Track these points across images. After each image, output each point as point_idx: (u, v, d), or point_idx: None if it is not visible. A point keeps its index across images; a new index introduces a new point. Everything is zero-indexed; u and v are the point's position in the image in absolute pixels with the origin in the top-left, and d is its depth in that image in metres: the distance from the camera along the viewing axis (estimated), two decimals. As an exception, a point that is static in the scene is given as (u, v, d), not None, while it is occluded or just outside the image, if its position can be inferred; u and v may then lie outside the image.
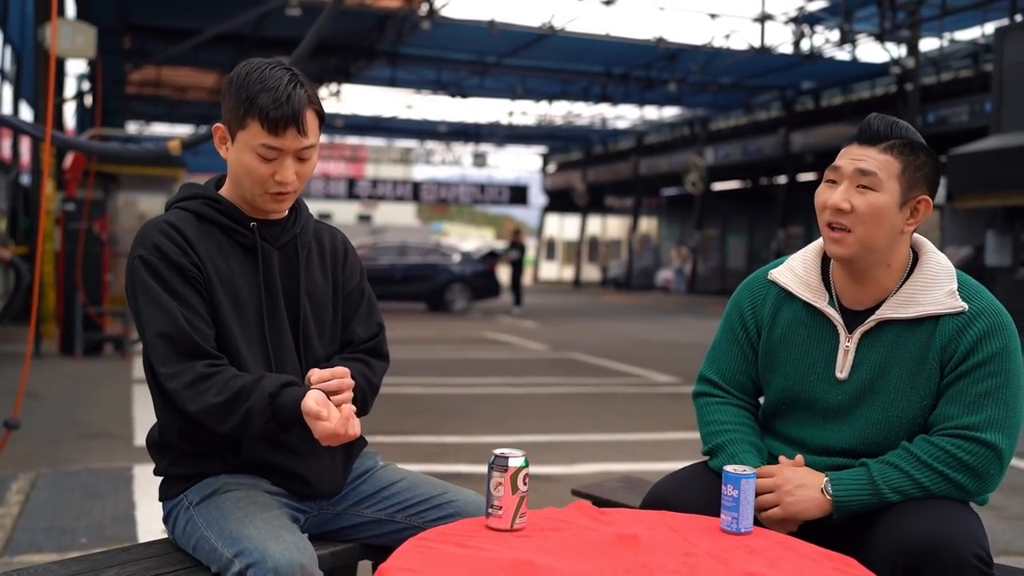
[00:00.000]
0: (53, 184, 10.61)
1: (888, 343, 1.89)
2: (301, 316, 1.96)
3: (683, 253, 29.54)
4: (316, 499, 1.97)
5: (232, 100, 1.85)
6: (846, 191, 1.87)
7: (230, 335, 1.87)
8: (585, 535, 1.69)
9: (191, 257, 1.85)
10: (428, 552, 1.56)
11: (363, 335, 2.06)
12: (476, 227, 69.54)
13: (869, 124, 1.90)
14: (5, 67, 13.99)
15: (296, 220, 2.00)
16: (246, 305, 1.90)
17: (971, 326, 1.83)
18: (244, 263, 1.92)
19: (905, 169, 1.86)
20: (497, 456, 1.72)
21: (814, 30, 17.43)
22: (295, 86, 1.83)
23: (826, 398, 1.93)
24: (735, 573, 1.51)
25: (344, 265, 2.09)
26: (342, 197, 34.73)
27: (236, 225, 1.91)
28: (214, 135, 1.91)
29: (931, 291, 1.87)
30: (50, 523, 3.85)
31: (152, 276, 1.82)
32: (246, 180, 1.88)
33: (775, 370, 2.01)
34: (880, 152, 1.86)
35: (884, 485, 1.79)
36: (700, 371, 2.14)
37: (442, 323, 15.75)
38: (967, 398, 1.82)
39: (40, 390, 7.14)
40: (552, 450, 5.64)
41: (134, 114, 26.67)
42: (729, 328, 2.09)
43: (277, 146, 1.83)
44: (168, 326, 1.79)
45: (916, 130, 1.92)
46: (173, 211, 1.93)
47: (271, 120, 1.80)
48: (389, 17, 16.51)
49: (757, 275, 2.10)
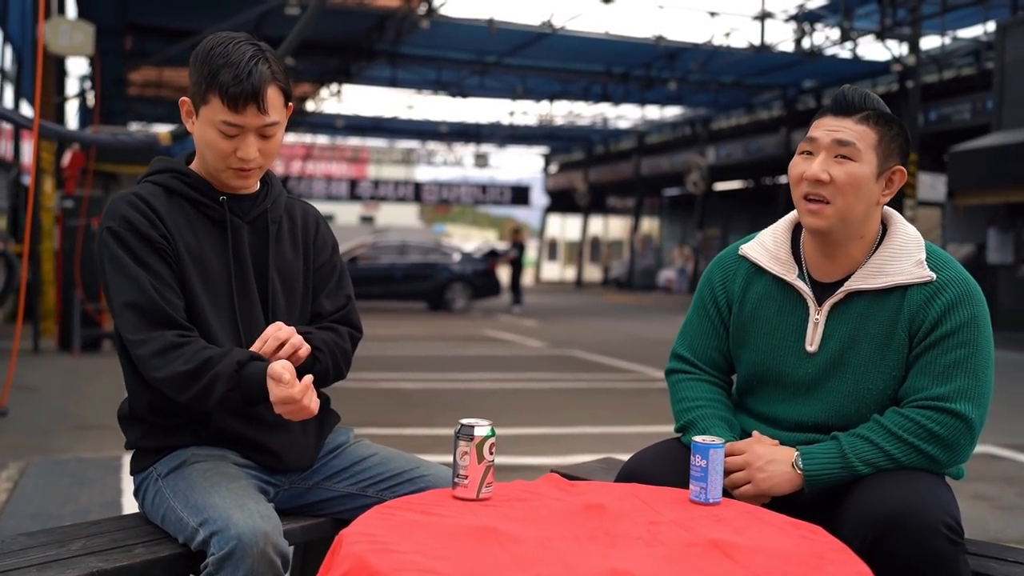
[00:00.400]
0: (52, 182, 10.62)
1: (857, 315, 1.88)
2: (270, 290, 1.95)
3: (685, 253, 29.52)
4: (286, 473, 1.96)
5: (196, 74, 1.84)
6: (824, 162, 1.85)
7: (199, 308, 1.86)
8: (552, 505, 1.68)
9: (159, 229, 1.84)
10: (391, 519, 1.56)
11: (329, 308, 2.04)
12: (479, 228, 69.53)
13: (844, 95, 1.89)
14: (6, 66, 14.02)
15: (267, 195, 1.99)
16: (215, 279, 1.89)
17: (939, 296, 1.82)
18: (214, 237, 1.91)
19: (881, 139, 1.86)
20: (463, 425, 1.71)
21: (814, 28, 17.40)
22: (257, 62, 1.81)
23: (796, 372, 1.92)
24: (700, 540, 1.50)
25: (315, 239, 2.07)
26: (344, 198, 34.77)
27: (205, 199, 1.90)
28: (181, 108, 1.91)
29: (899, 261, 1.86)
30: (37, 509, 3.85)
31: (121, 247, 1.81)
32: (209, 155, 1.87)
33: (746, 345, 2.00)
34: (856, 123, 1.86)
35: (854, 457, 1.78)
36: (672, 348, 2.13)
37: (442, 322, 15.74)
38: (936, 368, 1.80)
39: (36, 384, 7.15)
40: (546, 442, 5.63)
41: (136, 115, 26.71)
42: (701, 305, 2.08)
43: (238, 123, 1.81)
44: (137, 295, 1.79)
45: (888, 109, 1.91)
46: (143, 184, 1.93)
47: (231, 96, 1.79)
48: (388, 16, 16.51)
49: (728, 251, 2.09)
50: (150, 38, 17.52)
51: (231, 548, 1.62)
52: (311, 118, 26.93)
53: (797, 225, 2.01)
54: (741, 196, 29.63)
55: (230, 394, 1.75)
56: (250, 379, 1.75)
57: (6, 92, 14.29)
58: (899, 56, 17.51)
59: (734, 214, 29.34)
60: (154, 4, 15.36)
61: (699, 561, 1.41)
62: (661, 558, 1.42)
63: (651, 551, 1.45)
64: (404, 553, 1.38)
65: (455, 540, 1.46)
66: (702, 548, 1.46)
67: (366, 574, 1.33)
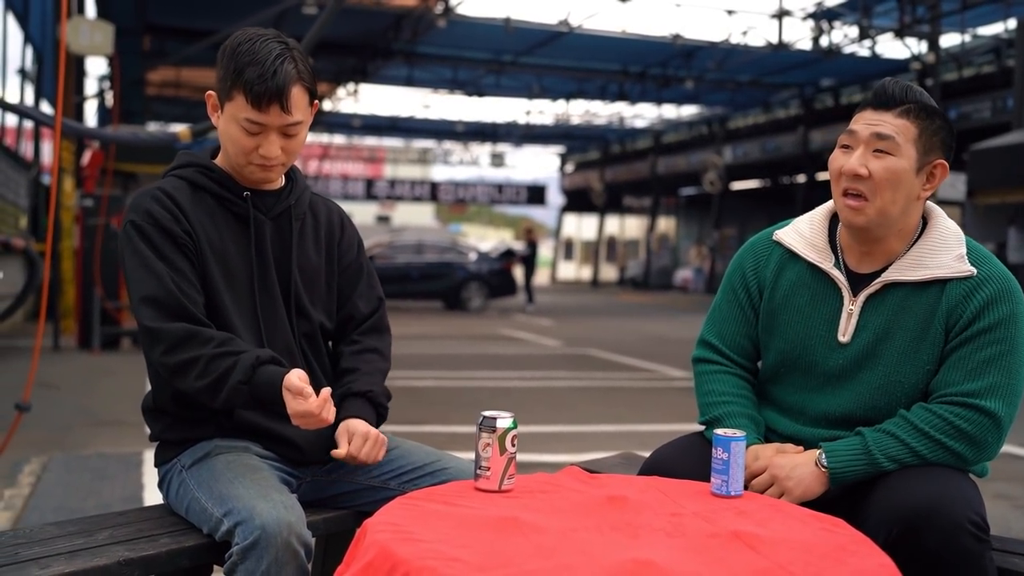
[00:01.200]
0: (72, 181, 10.71)
1: (893, 307, 1.86)
2: (293, 287, 1.96)
3: (702, 252, 29.43)
4: (308, 465, 1.98)
5: (223, 69, 1.85)
6: (863, 156, 1.83)
7: (221, 304, 1.88)
8: (573, 496, 1.69)
9: (182, 224, 1.86)
10: (415, 509, 1.57)
11: (365, 310, 2.07)
12: (495, 228, 69.56)
13: (884, 88, 1.86)
14: (27, 66, 14.14)
15: (291, 191, 2.00)
16: (237, 274, 1.91)
17: (978, 291, 1.80)
18: (236, 232, 1.92)
19: (922, 133, 1.83)
20: (486, 417, 1.72)
21: (832, 26, 17.30)
22: (283, 61, 1.81)
23: (827, 362, 1.90)
24: (721, 532, 1.50)
25: (341, 239, 2.08)
26: (360, 198, 34.84)
27: (229, 194, 1.92)
28: (207, 101, 1.92)
29: (939, 255, 1.84)
30: (59, 503, 3.89)
31: (143, 241, 1.83)
32: (231, 150, 1.88)
33: (775, 332, 1.97)
34: (896, 116, 1.83)
35: (879, 453, 1.77)
36: (700, 334, 2.10)
37: (458, 321, 15.77)
38: (970, 364, 1.79)
39: (57, 381, 7.21)
40: (562, 440, 5.64)
41: (154, 115, 26.88)
42: (730, 289, 2.05)
43: (261, 121, 1.82)
44: (156, 289, 1.80)
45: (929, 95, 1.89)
46: (168, 179, 1.95)
47: (255, 95, 1.79)
48: (405, 16, 16.55)
49: (761, 236, 2.06)
50: (168, 38, 17.63)
51: (255, 538, 1.63)
52: (328, 117, 27.03)
53: (835, 214, 1.98)
54: (758, 195, 29.52)
55: (241, 387, 1.75)
56: (264, 378, 1.76)
57: (27, 91, 14.40)
58: (918, 54, 17.40)
59: (751, 213, 29.23)
60: (172, 4, 15.45)
61: (721, 552, 1.41)
62: (683, 549, 1.42)
63: (673, 542, 1.45)
64: (427, 542, 1.39)
65: (477, 530, 1.47)
66: (724, 539, 1.46)
67: (390, 562, 1.34)
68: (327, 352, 2.07)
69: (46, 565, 1.62)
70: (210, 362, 1.76)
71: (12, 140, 13.29)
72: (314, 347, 2.01)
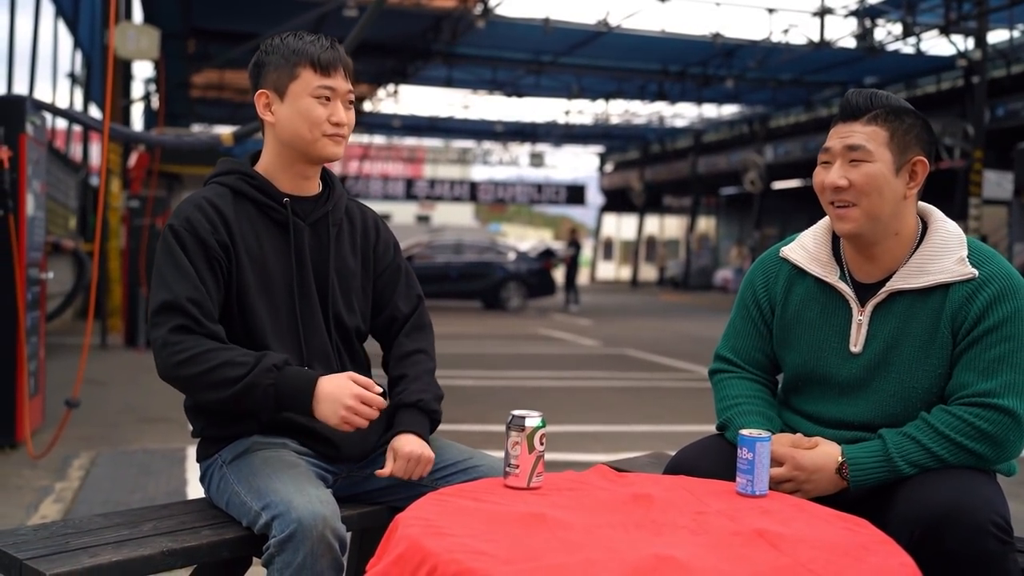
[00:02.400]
0: (119, 182, 10.95)
1: (900, 314, 1.89)
2: (330, 292, 2.02)
3: (743, 252, 29.21)
4: (343, 462, 2.03)
5: (276, 60, 1.96)
6: (840, 168, 1.89)
7: (254, 310, 1.94)
8: (600, 494, 1.73)
9: (220, 235, 1.91)
10: (445, 505, 1.62)
11: (406, 311, 2.14)
12: (534, 228, 69.59)
13: (849, 100, 1.92)
14: (76, 71, 14.46)
15: (329, 197, 2.06)
16: (276, 281, 1.97)
17: (981, 292, 1.83)
18: (276, 238, 1.98)
19: (893, 135, 1.87)
20: (515, 416, 1.76)
21: (876, 23, 17.08)
22: (333, 42, 2.00)
23: (841, 372, 1.94)
24: (745, 530, 1.53)
25: (377, 244, 2.14)
26: (400, 198, 35.07)
27: (269, 200, 1.98)
28: (257, 103, 1.99)
29: (940, 260, 1.86)
30: (107, 496, 4.01)
31: (177, 243, 1.89)
32: (303, 126, 1.95)
33: (790, 347, 2.02)
34: (865, 124, 1.88)
35: (900, 459, 1.79)
36: (715, 350, 2.16)
37: (496, 320, 15.83)
38: (981, 364, 1.81)
39: (104, 378, 7.39)
40: (598, 439, 5.66)
41: (198, 117, 27.29)
42: (743, 306, 2.11)
43: (331, 85, 1.95)
44: (179, 293, 1.86)
45: (900, 98, 1.92)
46: (211, 186, 2.01)
47: (322, 62, 1.94)
48: (444, 17, 16.64)
49: (769, 253, 2.12)
50: (212, 41, 17.90)
51: (292, 531, 1.69)
52: (368, 118, 27.24)
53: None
54: (799, 195, 29.17)
55: (269, 389, 1.83)
56: (291, 377, 1.83)
57: (76, 95, 14.73)
58: (964, 51, 17.12)
59: (792, 213, 28.92)
60: (216, 8, 15.69)
61: (744, 549, 1.44)
62: (706, 546, 1.45)
63: (696, 539, 1.48)
64: (457, 536, 1.44)
65: (505, 525, 1.51)
66: (747, 537, 1.49)
67: (420, 555, 1.39)
68: (362, 352, 2.13)
69: (95, 554, 1.69)
70: (219, 367, 1.83)
71: (61, 143, 13.59)
72: (350, 350, 2.08)
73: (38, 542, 1.74)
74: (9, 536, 1.77)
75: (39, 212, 5.23)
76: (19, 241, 4.78)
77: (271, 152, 2.01)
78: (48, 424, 5.29)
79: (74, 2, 13.60)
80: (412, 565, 1.39)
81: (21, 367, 4.79)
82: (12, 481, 4.28)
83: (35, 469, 4.48)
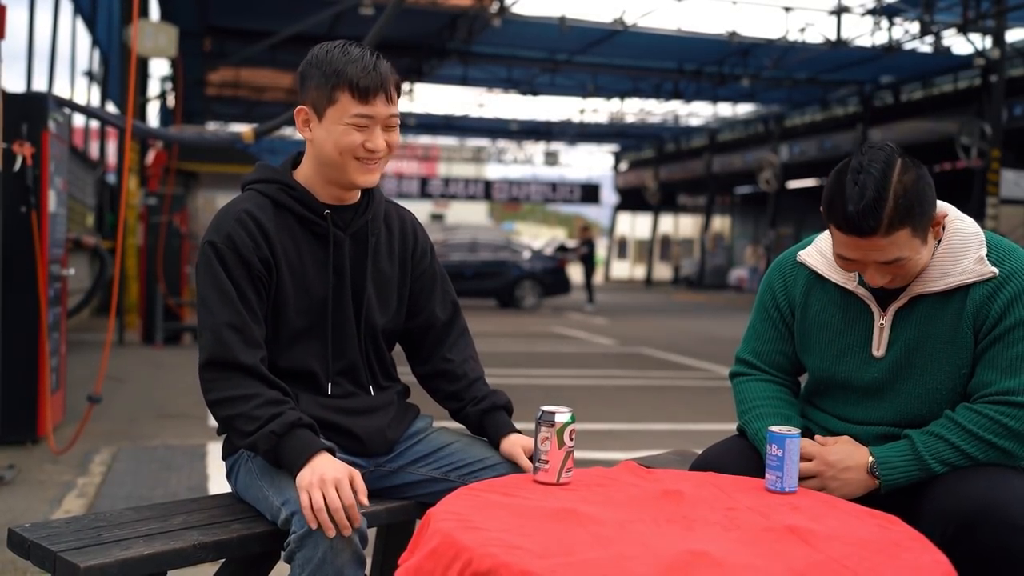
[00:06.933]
0: (136, 180, 11.00)
1: (922, 317, 1.88)
2: (365, 301, 2.02)
3: (758, 252, 29.11)
4: (369, 456, 2.04)
5: (317, 78, 1.90)
6: (877, 272, 1.81)
7: (289, 325, 1.94)
8: (630, 490, 1.73)
9: (262, 251, 1.90)
10: (476, 499, 1.62)
11: (443, 317, 2.16)
12: (548, 226, 69.55)
13: (853, 222, 1.74)
14: (93, 68, 14.54)
15: (368, 206, 2.05)
16: (313, 292, 1.96)
17: (1002, 290, 1.81)
18: (315, 250, 1.97)
19: (914, 227, 1.76)
20: (544, 412, 1.77)
21: (893, 22, 16.98)
22: (377, 57, 1.91)
23: (863, 377, 1.93)
24: (776, 526, 1.53)
25: (414, 250, 2.13)
26: (415, 196, 35.08)
27: (310, 213, 1.96)
28: (296, 118, 1.96)
29: (960, 261, 1.85)
30: (129, 491, 4.03)
31: (219, 263, 1.88)
32: (336, 153, 1.90)
33: (811, 351, 2.01)
34: (885, 236, 1.75)
35: (931, 458, 1.79)
36: (736, 353, 2.16)
37: (512, 319, 15.84)
38: (1003, 362, 1.80)
39: (123, 375, 7.44)
40: (615, 437, 5.66)
41: (214, 115, 27.41)
42: (763, 309, 2.10)
43: (369, 113, 1.88)
44: (220, 318, 1.85)
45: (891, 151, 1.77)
46: (251, 194, 1.98)
47: (362, 89, 1.86)
48: (460, 16, 16.65)
49: (787, 255, 2.09)
50: (228, 39, 17.97)
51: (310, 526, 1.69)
52: (383, 117, 27.25)
53: None
54: (815, 194, 28.98)
55: (268, 454, 1.81)
56: (289, 446, 1.78)
57: (93, 92, 14.81)
58: (982, 49, 16.98)
59: (807, 212, 28.82)
60: (233, 6, 15.75)
61: (776, 545, 1.44)
62: (738, 541, 1.45)
63: (728, 535, 1.48)
64: (490, 531, 1.44)
65: (537, 520, 1.51)
66: (778, 533, 1.49)
67: (454, 549, 1.39)
68: (389, 360, 2.14)
69: (127, 547, 1.71)
70: (236, 418, 1.83)
71: (79, 141, 13.68)
72: (378, 354, 2.08)
73: (71, 535, 1.75)
74: (42, 528, 1.79)
75: (61, 209, 5.27)
76: (42, 237, 4.81)
77: (310, 165, 1.98)
78: (68, 420, 5.33)
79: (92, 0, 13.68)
80: (447, 559, 1.39)
81: (43, 363, 4.82)
82: (35, 476, 4.31)
83: (57, 464, 4.51)
